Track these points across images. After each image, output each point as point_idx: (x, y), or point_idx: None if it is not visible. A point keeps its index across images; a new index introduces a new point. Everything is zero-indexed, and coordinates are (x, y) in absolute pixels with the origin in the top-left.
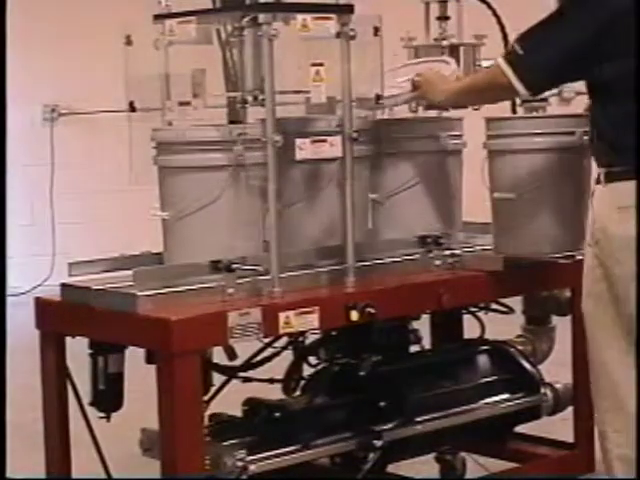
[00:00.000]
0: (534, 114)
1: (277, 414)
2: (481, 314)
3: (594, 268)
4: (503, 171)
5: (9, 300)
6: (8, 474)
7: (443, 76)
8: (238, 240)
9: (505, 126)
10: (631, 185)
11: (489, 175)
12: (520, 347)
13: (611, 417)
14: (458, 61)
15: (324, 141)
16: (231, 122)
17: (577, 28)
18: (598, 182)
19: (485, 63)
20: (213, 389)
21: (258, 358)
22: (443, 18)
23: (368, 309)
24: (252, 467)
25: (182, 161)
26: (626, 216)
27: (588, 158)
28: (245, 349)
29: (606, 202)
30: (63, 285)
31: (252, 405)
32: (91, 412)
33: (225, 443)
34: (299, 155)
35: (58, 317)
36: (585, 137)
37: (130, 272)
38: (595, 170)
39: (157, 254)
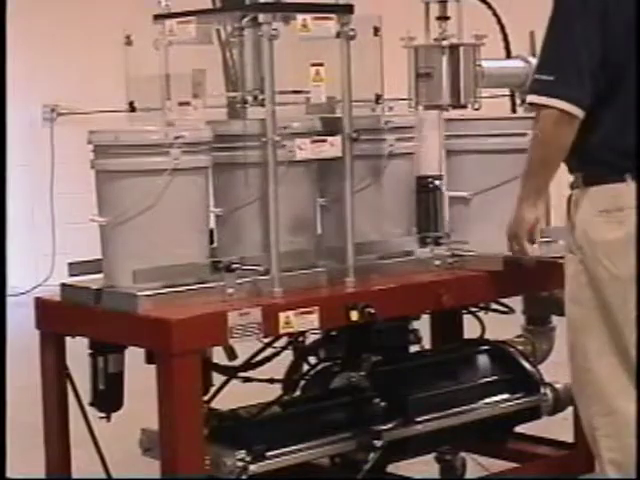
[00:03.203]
0: (488, 115)
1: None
2: (481, 314)
3: (578, 274)
4: (458, 170)
5: (9, 300)
6: (8, 474)
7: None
8: (179, 247)
9: (460, 127)
10: (610, 188)
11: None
12: (520, 347)
13: (601, 422)
14: (458, 61)
15: (324, 141)
16: None
17: (577, 35)
18: (572, 187)
19: (485, 63)
20: (213, 389)
21: (258, 358)
22: (443, 18)
23: (368, 309)
24: (252, 467)
25: (119, 165)
26: (608, 219)
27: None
28: (245, 349)
29: (586, 206)
30: (63, 285)
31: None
32: (91, 412)
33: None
34: (299, 155)
35: (58, 317)
36: None
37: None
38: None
39: None
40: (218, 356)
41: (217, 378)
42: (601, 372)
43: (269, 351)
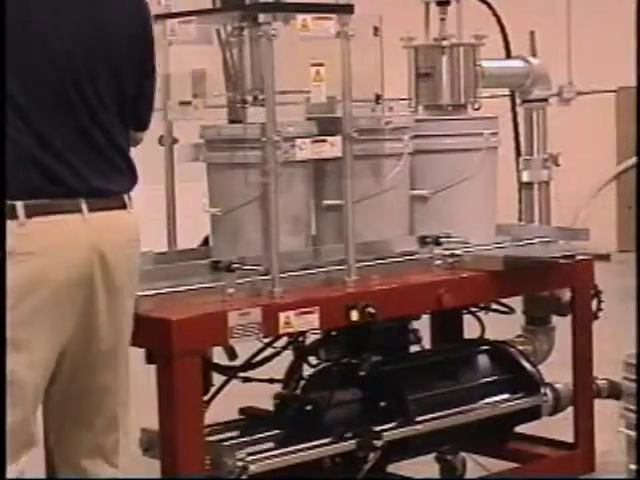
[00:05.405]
0: (447, 117)
1: (308, 408)
2: (481, 314)
3: None
4: (419, 169)
5: None
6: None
7: None
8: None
9: (421, 127)
10: None
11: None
12: (520, 347)
13: None
14: (458, 61)
15: (324, 141)
16: (231, 122)
17: None
18: None
19: (485, 63)
20: (213, 389)
21: (258, 358)
22: (444, 3)
23: (368, 309)
24: (252, 467)
25: None
26: None
27: (495, 157)
28: (245, 349)
29: None
30: None
31: (283, 399)
32: None
33: (228, 443)
34: (299, 155)
35: None
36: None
37: None
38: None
39: (159, 254)
40: (218, 356)
41: (217, 378)
42: None
43: (269, 351)
